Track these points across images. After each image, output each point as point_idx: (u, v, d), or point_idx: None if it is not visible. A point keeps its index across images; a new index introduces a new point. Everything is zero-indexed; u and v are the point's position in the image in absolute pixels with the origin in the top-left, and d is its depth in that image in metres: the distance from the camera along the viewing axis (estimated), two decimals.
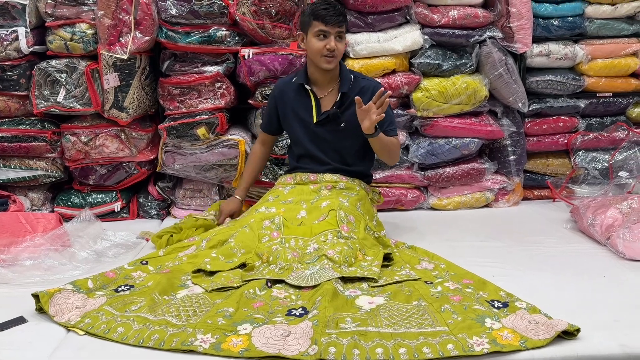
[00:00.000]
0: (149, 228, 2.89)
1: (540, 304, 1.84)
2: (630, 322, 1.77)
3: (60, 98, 2.93)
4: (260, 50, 2.96)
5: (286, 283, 2.07)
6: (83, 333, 1.79)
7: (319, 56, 2.46)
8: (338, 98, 2.52)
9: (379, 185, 3.08)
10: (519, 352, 1.62)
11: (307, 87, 2.55)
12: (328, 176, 2.56)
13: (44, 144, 3.01)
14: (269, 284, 2.07)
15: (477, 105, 3.12)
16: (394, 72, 3.07)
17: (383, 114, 2.28)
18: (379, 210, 2.77)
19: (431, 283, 2.06)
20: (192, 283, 2.11)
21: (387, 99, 2.27)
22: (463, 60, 3.07)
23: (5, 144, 3.00)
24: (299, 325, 1.74)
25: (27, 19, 2.90)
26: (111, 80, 2.90)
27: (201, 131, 2.98)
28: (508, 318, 1.77)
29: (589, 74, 3.22)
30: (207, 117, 2.98)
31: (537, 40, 3.15)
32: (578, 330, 1.67)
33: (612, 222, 2.48)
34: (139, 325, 1.78)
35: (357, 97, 2.33)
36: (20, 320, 1.87)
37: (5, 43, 2.88)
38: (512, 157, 3.19)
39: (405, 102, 3.13)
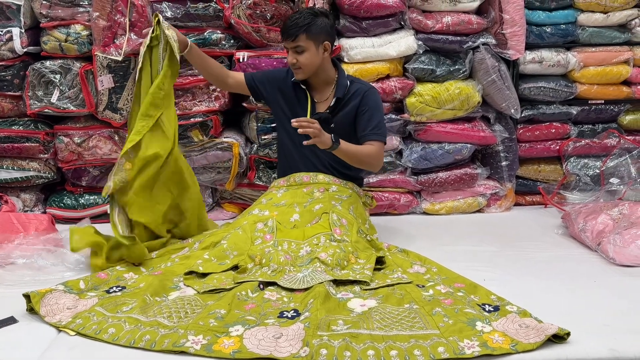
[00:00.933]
0: None
1: (530, 308, 1.85)
2: (620, 326, 1.79)
3: (53, 99, 2.92)
4: (255, 54, 2.97)
5: (278, 285, 2.07)
6: (74, 333, 1.78)
7: (290, 67, 2.52)
8: (333, 103, 2.54)
9: (372, 189, 3.09)
10: (509, 356, 1.63)
11: (303, 86, 2.57)
12: (321, 177, 2.57)
13: (37, 144, 3.00)
14: (262, 286, 2.07)
15: (470, 111, 3.14)
16: (388, 77, 3.08)
17: (316, 136, 2.26)
18: (371, 214, 2.78)
19: (423, 286, 2.07)
20: (184, 285, 2.11)
21: (305, 128, 2.24)
22: (456, 66, 3.09)
23: None
24: (291, 327, 1.74)
25: (22, 19, 2.90)
26: (105, 81, 2.90)
27: (195, 133, 2.98)
28: (499, 321, 1.78)
29: (581, 81, 3.25)
30: (201, 119, 2.99)
31: (530, 47, 3.17)
32: (568, 334, 1.68)
33: (603, 228, 2.50)
34: (130, 326, 1.78)
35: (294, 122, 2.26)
36: (10, 321, 1.87)
37: None
38: (504, 163, 3.21)
39: (399, 107, 3.14)
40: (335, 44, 2.99)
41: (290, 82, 2.61)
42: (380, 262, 2.29)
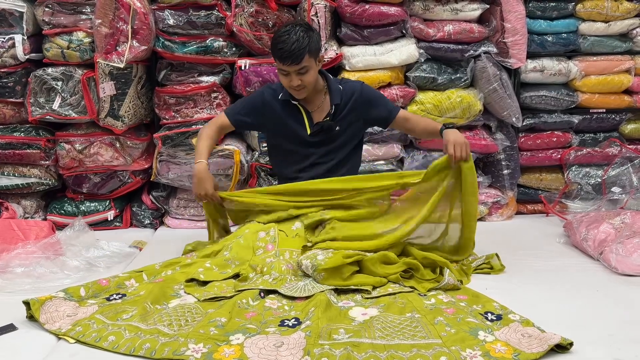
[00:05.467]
0: (142, 237, 2.88)
1: (533, 317, 1.84)
2: (623, 336, 1.77)
3: (55, 106, 2.92)
4: (256, 61, 2.97)
5: (279, 293, 2.06)
6: (74, 341, 1.77)
7: (288, 88, 2.42)
8: (332, 110, 2.52)
9: None
10: None
11: (294, 102, 2.50)
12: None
13: (38, 151, 3.00)
14: (262, 294, 2.06)
15: (472, 119, 3.14)
16: (389, 85, 3.08)
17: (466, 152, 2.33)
18: None
19: (425, 295, 2.06)
20: (185, 292, 2.10)
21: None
22: (458, 75, 3.10)
23: None
24: (292, 336, 1.73)
25: (25, 26, 2.90)
26: (107, 88, 2.90)
27: (196, 141, 2.97)
28: (501, 331, 1.76)
29: (583, 90, 3.25)
30: (202, 126, 2.98)
31: (531, 55, 3.18)
32: (571, 344, 1.67)
33: (605, 237, 2.49)
34: (130, 334, 1.77)
35: None
36: (10, 328, 1.86)
37: (1, 50, 2.88)
38: (505, 171, 3.21)
39: None
40: (336, 51, 3.00)
41: (278, 101, 2.51)
42: None
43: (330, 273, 2.09)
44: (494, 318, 1.86)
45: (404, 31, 3.07)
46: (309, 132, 2.51)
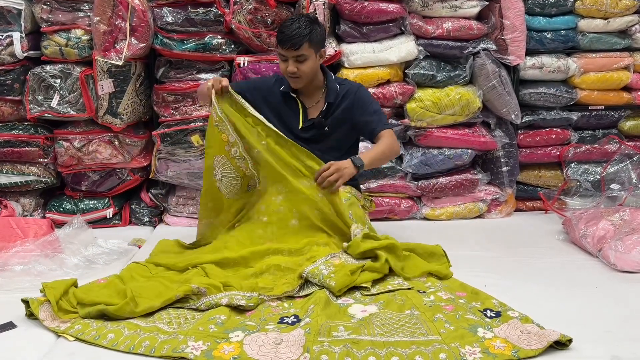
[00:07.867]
0: (141, 235, 2.88)
1: (532, 314, 1.84)
2: (622, 333, 1.78)
3: (54, 103, 2.92)
4: (255, 59, 2.97)
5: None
6: (73, 339, 1.77)
7: (286, 75, 2.46)
8: (324, 107, 2.53)
9: (372, 194, 3.08)
10: None
11: (293, 95, 2.53)
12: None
13: (37, 149, 2.99)
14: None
15: (471, 117, 3.13)
16: (388, 82, 3.08)
17: (339, 176, 2.36)
18: (371, 220, 2.76)
19: (424, 292, 2.06)
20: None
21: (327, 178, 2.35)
22: (457, 72, 3.09)
23: None
24: (291, 333, 1.74)
25: (23, 24, 2.90)
26: (106, 86, 2.90)
27: (195, 138, 2.98)
28: (500, 327, 1.77)
29: (582, 87, 3.25)
30: (201, 124, 2.98)
31: (530, 52, 3.17)
32: (570, 340, 1.67)
33: (604, 234, 2.49)
34: (130, 332, 1.77)
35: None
36: (9, 326, 1.86)
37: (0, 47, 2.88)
38: (504, 169, 3.21)
39: (399, 112, 3.14)
40: (335, 49, 3.00)
41: (279, 91, 2.55)
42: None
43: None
44: (493, 315, 1.86)
45: (403, 28, 3.07)
46: (300, 125, 2.52)
